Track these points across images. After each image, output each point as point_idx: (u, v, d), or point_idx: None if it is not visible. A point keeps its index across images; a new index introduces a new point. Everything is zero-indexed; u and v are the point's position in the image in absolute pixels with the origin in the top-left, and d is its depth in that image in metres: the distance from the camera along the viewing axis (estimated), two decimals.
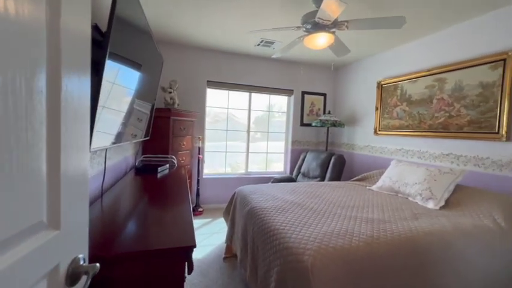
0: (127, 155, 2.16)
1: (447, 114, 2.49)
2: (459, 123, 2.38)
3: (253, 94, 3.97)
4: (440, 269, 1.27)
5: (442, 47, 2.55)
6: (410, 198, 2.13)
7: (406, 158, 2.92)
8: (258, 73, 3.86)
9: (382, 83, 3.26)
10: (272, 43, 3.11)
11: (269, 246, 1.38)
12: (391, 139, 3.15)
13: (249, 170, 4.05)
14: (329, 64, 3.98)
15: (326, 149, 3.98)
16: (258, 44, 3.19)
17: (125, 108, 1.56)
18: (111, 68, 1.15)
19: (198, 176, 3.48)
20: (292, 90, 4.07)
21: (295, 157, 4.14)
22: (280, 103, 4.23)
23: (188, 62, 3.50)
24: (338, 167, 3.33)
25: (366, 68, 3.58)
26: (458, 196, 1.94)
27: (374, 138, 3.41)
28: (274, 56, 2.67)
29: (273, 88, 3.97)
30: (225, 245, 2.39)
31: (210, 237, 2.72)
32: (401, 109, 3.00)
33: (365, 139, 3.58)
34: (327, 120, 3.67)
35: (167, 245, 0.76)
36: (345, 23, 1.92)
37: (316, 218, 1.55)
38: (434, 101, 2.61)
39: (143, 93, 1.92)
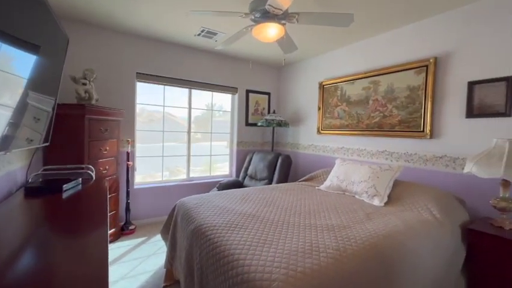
0: (12, 169, 1.52)
1: (381, 114, 2.68)
2: (391, 122, 2.59)
3: (193, 91, 3.57)
4: (401, 272, 1.24)
5: (376, 52, 2.74)
6: (356, 196, 2.18)
7: (347, 156, 3.06)
8: (199, 68, 3.48)
9: (323, 83, 3.35)
10: (215, 34, 2.80)
11: (223, 277, 1.10)
12: (333, 138, 3.26)
13: (191, 176, 3.63)
14: (273, 63, 3.92)
15: (272, 149, 3.91)
16: (199, 34, 2.83)
17: (11, 102, 1.07)
18: None
19: (128, 187, 2.89)
20: (237, 88, 3.85)
21: (241, 158, 3.94)
22: (221, 102, 3.94)
23: (112, 48, 2.87)
24: (285, 167, 3.27)
25: (309, 69, 3.65)
26: (397, 191, 2.06)
27: (317, 138, 3.50)
28: (218, 48, 2.38)
29: (216, 85, 3.66)
30: (164, 270, 1.98)
31: (144, 261, 2.24)
32: (341, 109, 3.13)
33: (308, 138, 3.64)
34: (272, 119, 3.59)
35: None
36: (296, 16, 1.79)
37: (276, 232, 1.35)
38: (370, 101, 2.79)
39: (38, 83, 1.41)
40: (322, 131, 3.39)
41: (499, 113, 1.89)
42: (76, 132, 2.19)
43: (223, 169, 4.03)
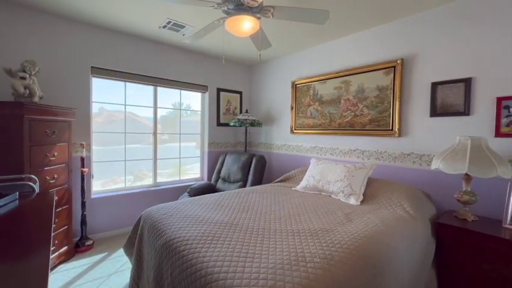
0: None
1: (353, 113, 2.73)
2: (362, 121, 2.65)
3: (159, 89, 3.29)
4: (386, 272, 1.22)
5: (347, 52, 2.79)
6: (333, 196, 2.17)
7: (320, 155, 3.08)
8: (166, 64, 3.21)
9: (296, 82, 3.34)
10: (182, 27, 2.58)
11: None
12: (306, 137, 3.26)
13: (158, 181, 3.35)
14: (245, 60, 3.80)
15: (245, 150, 3.80)
16: (164, 26, 2.59)
17: None
18: None
19: (83, 197, 2.53)
20: (207, 86, 3.65)
21: (213, 160, 3.76)
22: (189, 101, 3.71)
23: (60, 37, 2.48)
24: (259, 169, 3.18)
25: (281, 67, 3.61)
26: (371, 189, 2.10)
27: (290, 137, 3.47)
28: (186, 41, 2.19)
29: (185, 83, 3.42)
30: None
31: (105, 282, 1.96)
32: (314, 108, 3.14)
33: (282, 138, 3.61)
34: (245, 119, 3.47)
35: None
36: (271, 9, 1.70)
37: (257, 243, 1.23)
38: (342, 101, 2.83)
39: None
40: (295, 131, 3.38)
41: (459, 112, 2.02)
42: (12, 136, 1.83)
43: (194, 171, 3.80)
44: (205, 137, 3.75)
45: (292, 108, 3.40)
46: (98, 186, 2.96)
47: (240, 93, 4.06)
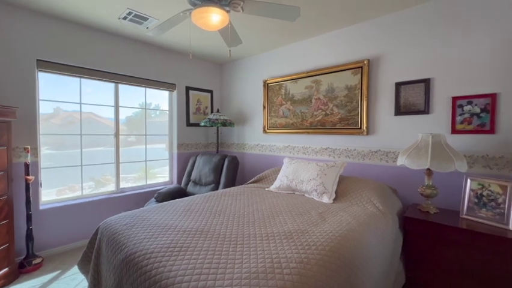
0: None
1: (323, 112, 2.77)
2: (333, 120, 2.70)
3: (122, 87, 3.02)
4: (360, 269, 1.21)
5: (317, 52, 2.82)
6: (306, 195, 2.17)
7: (293, 154, 3.08)
8: (129, 59, 2.96)
9: (268, 82, 3.30)
10: (145, 19, 2.39)
11: None
12: (279, 137, 3.25)
13: (121, 186, 3.07)
14: (215, 58, 3.67)
15: (217, 151, 3.67)
16: (125, 17, 2.37)
17: None
18: None
19: (29, 209, 2.20)
20: (175, 84, 3.45)
21: (184, 162, 3.57)
22: (157, 101, 3.49)
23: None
24: (232, 170, 3.09)
25: (253, 66, 3.55)
26: (342, 187, 2.13)
27: (263, 137, 3.43)
28: (149, 34, 2.01)
29: (150, 80, 3.19)
30: None
31: None
32: (286, 108, 3.14)
33: (254, 138, 3.55)
34: (216, 119, 3.35)
35: None
36: (241, 3, 1.62)
37: (230, 251, 1.15)
38: (313, 100, 2.86)
39: None
40: (268, 130, 3.34)
41: (420, 110, 2.14)
42: None
43: (163, 175, 3.57)
44: (173, 138, 3.55)
45: (264, 107, 3.36)
46: (53, 195, 2.62)
47: (211, 92, 3.92)
